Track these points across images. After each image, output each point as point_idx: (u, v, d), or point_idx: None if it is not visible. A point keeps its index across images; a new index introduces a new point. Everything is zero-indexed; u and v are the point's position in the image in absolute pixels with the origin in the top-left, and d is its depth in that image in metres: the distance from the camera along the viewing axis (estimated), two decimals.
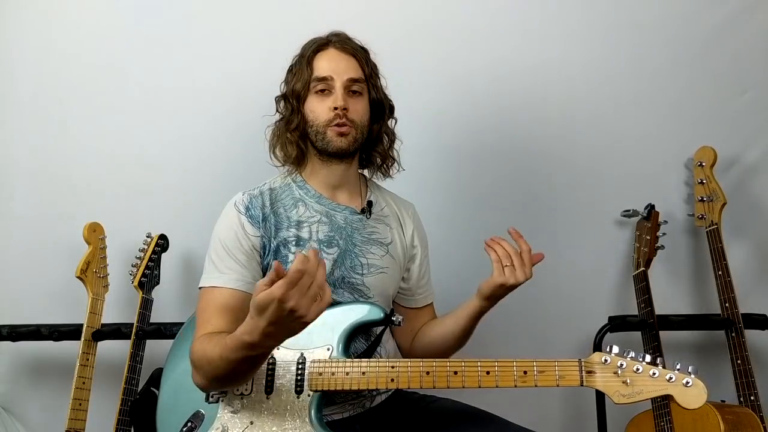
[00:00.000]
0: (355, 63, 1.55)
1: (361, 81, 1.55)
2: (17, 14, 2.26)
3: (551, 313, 2.21)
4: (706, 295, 2.20)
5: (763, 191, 2.24)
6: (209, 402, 1.41)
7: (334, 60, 1.53)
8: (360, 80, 1.55)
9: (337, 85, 1.51)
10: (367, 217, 1.60)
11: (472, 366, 1.33)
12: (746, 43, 2.25)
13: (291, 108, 1.56)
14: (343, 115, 1.50)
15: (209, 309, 1.42)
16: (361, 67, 1.56)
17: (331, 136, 1.51)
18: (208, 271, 1.48)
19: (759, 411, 1.90)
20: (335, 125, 1.50)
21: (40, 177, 2.24)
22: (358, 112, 1.54)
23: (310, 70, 1.53)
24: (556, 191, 2.25)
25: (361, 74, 1.55)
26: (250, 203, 1.52)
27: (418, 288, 1.70)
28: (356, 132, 1.54)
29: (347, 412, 1.49)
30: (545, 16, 2.26)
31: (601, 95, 2.25)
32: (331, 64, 1.53)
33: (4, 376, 2.23)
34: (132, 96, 2.25)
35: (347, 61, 1.54)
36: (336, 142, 1.51)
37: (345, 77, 1.52)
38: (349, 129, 1.52)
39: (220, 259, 1.47)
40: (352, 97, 1.53)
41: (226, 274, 1.45)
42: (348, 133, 1.52)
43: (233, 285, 1.44)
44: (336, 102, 1.50)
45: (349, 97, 1.53)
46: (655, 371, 1.26)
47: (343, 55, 1.54)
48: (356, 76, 1.54)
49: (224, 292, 1.43)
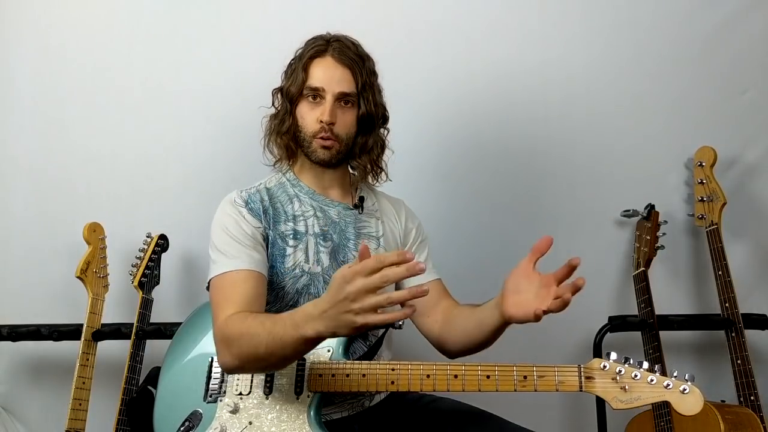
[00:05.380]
0: (350, 75, 1.54)
1: (352, 95, 1.54)
2: (17, 14, 2.26)
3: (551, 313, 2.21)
4: (706, 295, 2.20)
5: (763, 191, 2.24)
6: (207, 402, 1.41)
7: (329, 70, 1.53)
8: (351, 95, 1.54)
9: (327, 98, 1.52)
10: (359, 212, 1.61)
11: (473, 370, 1.33)
12: (746, 43, 2.25)
13: (285, 108, 1.57)
14: (328, 129, 1.51)
15: (227, 293, 1.39)
16: (354, 80, 1.54)
17: (316, 147, 1.53)
18: (217, 261, 1.45)
19: (759, 411, 1.90)
20: (320, 137, 1.52)
21: (40, 177, 2.24)
22: (345, 125, 1.54)
23: (305, 75, 1.53)
24: (556, 191, 2.25)
25: (353, 88, 1.54)
26: (249, 198, 1.53)
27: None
28: (340, 145, 1.55)
29: (346, 411, 1.49)
30: (545, 16, 2.26)
31: (601, 95, 2.25)
32: (325, 74, 1.52)
33: (4, 376, 2.23)
34: (132, 96, 2.24)
35: (342, 73, 1.53)
36: (319, 154, 1.54)
37: (336, 90, 1.52)
38: (333, 143, 1.53)
39: (227, 246, 1.45)
40: (341, 108, 1.54)
41: (236, 259, 1.43)
42: (332, 146, 1.54)
43: (246, 266, 1.42)
44: (323, 116, 1.51)
45: (338, 108, 1.53)
46: (652, 378, 1.27)
47: (338, 66, 1.53)
48: (348, 91, 1.53)
49: (239, 275, 1.41)
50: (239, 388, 1.40)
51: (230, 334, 1.30)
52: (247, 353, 1.27)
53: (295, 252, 1.50)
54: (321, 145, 1.53)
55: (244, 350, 1.27)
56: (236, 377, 1.41)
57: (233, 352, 1.30)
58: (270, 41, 2.20)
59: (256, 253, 1.45)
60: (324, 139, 1.52)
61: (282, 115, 1.58)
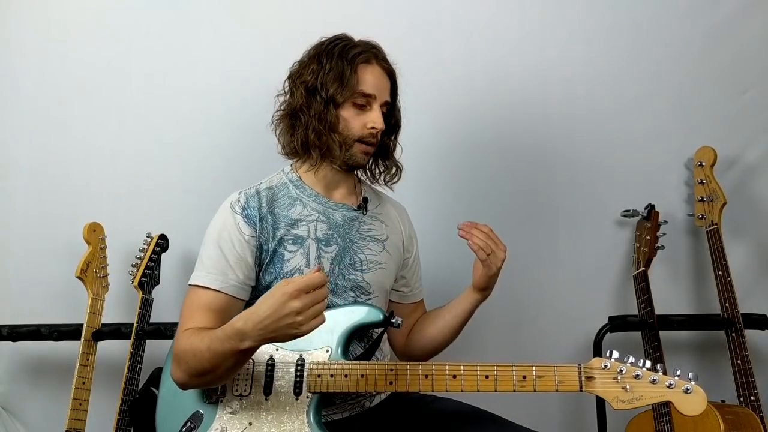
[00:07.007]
0: (390, 85, 1.58)
1: (389, 104, 1.59)
2: (17, 14, 2.26)
3: (551, 313, 2.22)
4: (706, 295, 2.20)
5: (763, 191, 2.24)
6: (208, 402, 1.42)
7: (378, 78, 1.55)
8: (389, 104, 1.58)
9: (375, 105, 1.53)
10: (363, 214, 1.61)
11: (471, 370, 1.34)
12: (746, 43, 2.24)
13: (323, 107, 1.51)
14: (377, 135, 1.54)
15: (193, 307, 1.44)
16: (392, 89, 1.59)
17: (356, 152, 1.54)
18: (198, 269, 1.49)
19: (759, 411, 1.90)
20: (365, 143, 1.54)
21: (40, 177, 2.24)
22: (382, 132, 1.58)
23: (356, 80, 1.51)
24: (556, 191, 2.25)
25: (390, 97, 1.59)
26: (246, 203, 1.52)
27: (415, 283, 1.74)
28: (374, 150, 1.59)
29: (346, 412, 1.49)
30: (545, 16, 2.26)
31: (601, 95, 2.25)
32: (377, 81, 1.54)
33: (4, 376, 2.23)
34: (132, 96, 2.24)
35: (387, 81, 1.57)
36: (359, 159, 1.55)
37: (384, 98, 1.55)
38: (374, 149, 1.57)
39: (209, 259, 1.47)
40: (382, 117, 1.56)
41: (212, 275, 1.45)
42: (372, 152, 1.57)
43: (218, 286, 1.45)
44: (376, 123, 1.52)
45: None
46: (655, 377, 1.26)
47: (384, 75, 1.56)
48: (390, 100, 1.58)
49: (209, 293, 1.44)
50: (239, 389, 1.40)
51: (179, 350, 1.35)
52: (195, 368, 1.32)
53: (294, 256, 1.50)
54: (363, 150, 1.54)
55: (192, 365, 1.32)
56: (236, 377, 1.41)
57: (182, 368, 1.35)
58: (270, 41, 2.21)
59: (237, 274, 1.46)
60: (369, 144, 1.54)
61: (319, 112, 1.51)
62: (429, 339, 1.65)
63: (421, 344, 1.67)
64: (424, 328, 1.67)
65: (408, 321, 1.70)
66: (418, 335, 1.68)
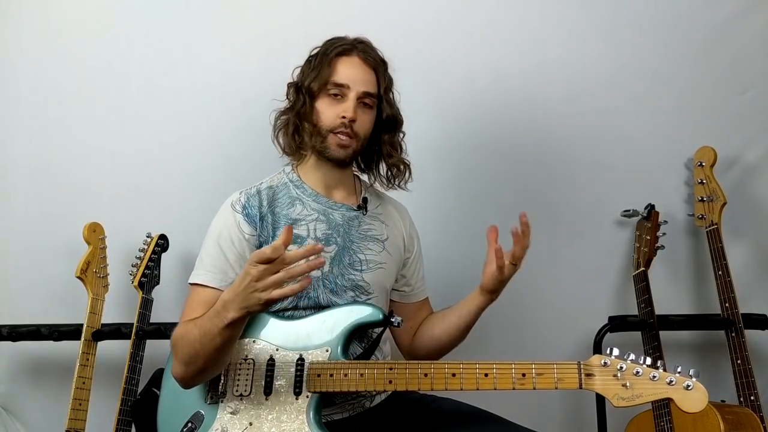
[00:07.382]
0: (373, 77, 1.57)
1: (374, 96, 1.57)
2: (17, 14, 2.26)
3: (551, 313, 2.21)
4: (706, 295, 2.20)
5: (763, 191, 2.24)
6: (209, 403, 1.42)
7: (354, 68, 1.55)
8: (373, 95, 1.57)
9: (351, 95, 1.53)
10: (363, 214, 1.62)
11: (470, 368, 1.33)
12: (746, 43, 2.24)
13: (303, 101, 1.57)
14: (349, 125, 1.53)
15: (193, 305, 1.46)
16: (377, 82, 1.58)
17: (331, 144, 1.54)
18: (198, 267, 1.51)
19: (759, 411, 1.90)
20: (338, 133, 1.53)
21: (40, 177, 2.24)
22: (363, 125, 1.57)
23: (330, 71, 1.54)
24: (556, 191, 2.24)
25: (375, 89, 1.57)
26: (247, 202, 1.53)
27: (417, 282, 1.74)
28: (356, 145, 1.57)
29: (347, 412, 1.49)
30: (545, 16, 2.26)
31: (601, 95, 2.25)
32: (351, 72, 1.54)
33: (4, 376, 2.23)
34: (132, 96, 2.24)
35: (367, 73, 1.56)
36: (334, 152, 1.55)
37: (361, 89, 1.54)
38: (350, 141, 1.55)
39: (209, 257, 1.49)
40: (361, 108, 1.55)
41: (212, 273, 1.47)
42: (349, 145, 1.55)
43: (217, 284, 1.46)
44: (346, 112, 1.52)
45: (359, 108, 1.55)
46: (655, 374, 1.25)
47: (364, 66, 1.56)
48: (371, 91, 1.56)
49: (208, 291, 1.46)
50: (239, 389, 1.40)
51: (174, 338, 1.38)
52: (186, 353, 1.34)
53: None
54: (337, 142, 1.53)
55: (184, 351, 1.35)
56: (237, 377, 1.41)
57: (178, 358, 1.37)
58: (270, 41, 2.21)
59: (236, 272, 1.47)
60: (342, 135, 1.53)
61: (299, 108, 1.57)
62: (434, 339, 1.65)
63: (426, 344, 1.67)
64: (429, 329, 1.67)
65: (412, 321, 1.70)
66: (423, 335, 1.68)
